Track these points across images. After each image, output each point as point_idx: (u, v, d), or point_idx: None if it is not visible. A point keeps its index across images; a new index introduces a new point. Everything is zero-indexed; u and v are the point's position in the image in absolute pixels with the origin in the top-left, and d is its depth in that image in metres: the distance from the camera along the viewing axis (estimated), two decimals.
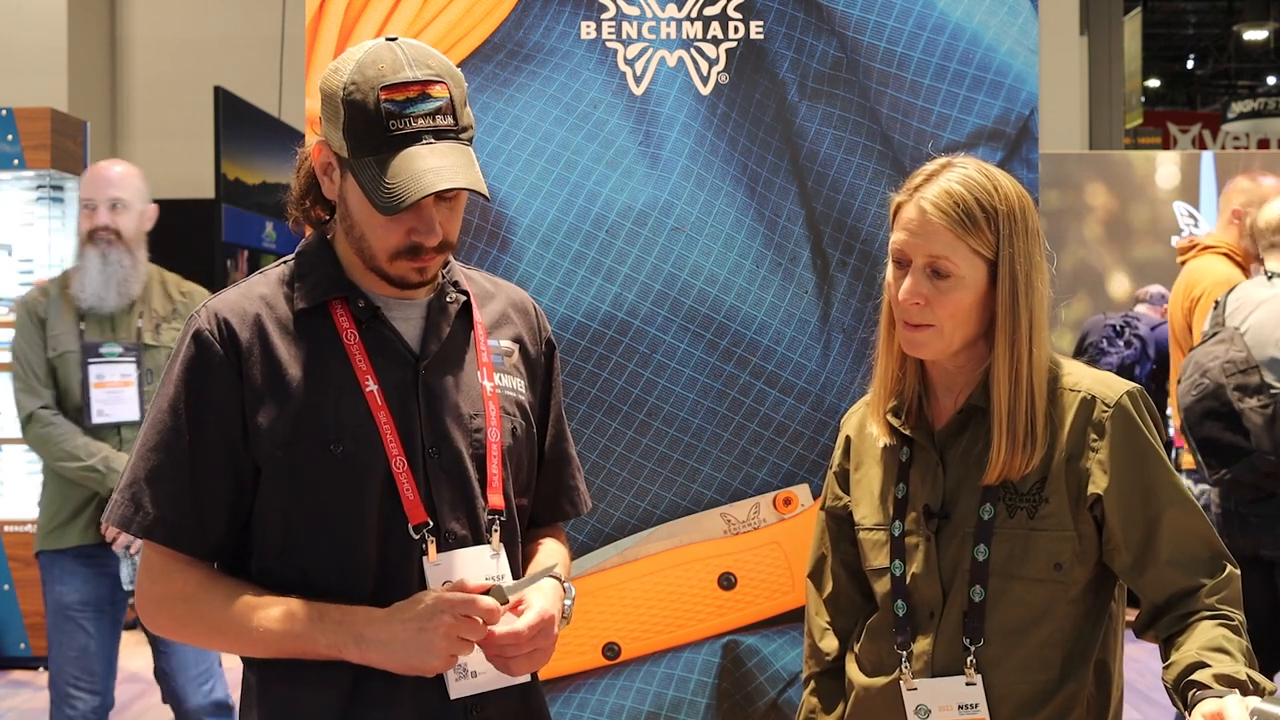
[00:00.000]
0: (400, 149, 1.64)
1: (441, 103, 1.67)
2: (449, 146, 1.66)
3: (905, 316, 1.84)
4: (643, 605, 2.56)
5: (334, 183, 1.74)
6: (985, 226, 1.80)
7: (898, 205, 1.87)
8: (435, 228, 1.69)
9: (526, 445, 1.85)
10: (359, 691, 1.69)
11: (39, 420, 3.66)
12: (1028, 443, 1.80)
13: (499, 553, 1.75)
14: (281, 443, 1.69)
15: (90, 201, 3.75)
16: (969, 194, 1.81)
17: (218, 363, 1.71)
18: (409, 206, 1.63)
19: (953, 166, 1.85)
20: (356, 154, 1.67)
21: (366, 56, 1.68)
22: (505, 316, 1.89)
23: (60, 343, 3.70)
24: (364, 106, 1.65)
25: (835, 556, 2.03)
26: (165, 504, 1.70)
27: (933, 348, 1.84)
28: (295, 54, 9.13)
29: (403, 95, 1.65)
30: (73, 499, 3.65)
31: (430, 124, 1.66)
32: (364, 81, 1.66)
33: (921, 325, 1.83)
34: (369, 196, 1.66)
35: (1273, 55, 20.46)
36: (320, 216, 1.82)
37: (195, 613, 1.71)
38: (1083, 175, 8.78)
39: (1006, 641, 1.81)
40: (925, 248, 1.81)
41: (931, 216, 1.80)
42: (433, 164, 1.64)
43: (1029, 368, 1.81)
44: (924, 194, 1.83)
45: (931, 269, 1.81)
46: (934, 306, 1.82)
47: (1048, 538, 1.81)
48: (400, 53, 1.68)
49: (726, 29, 2.58)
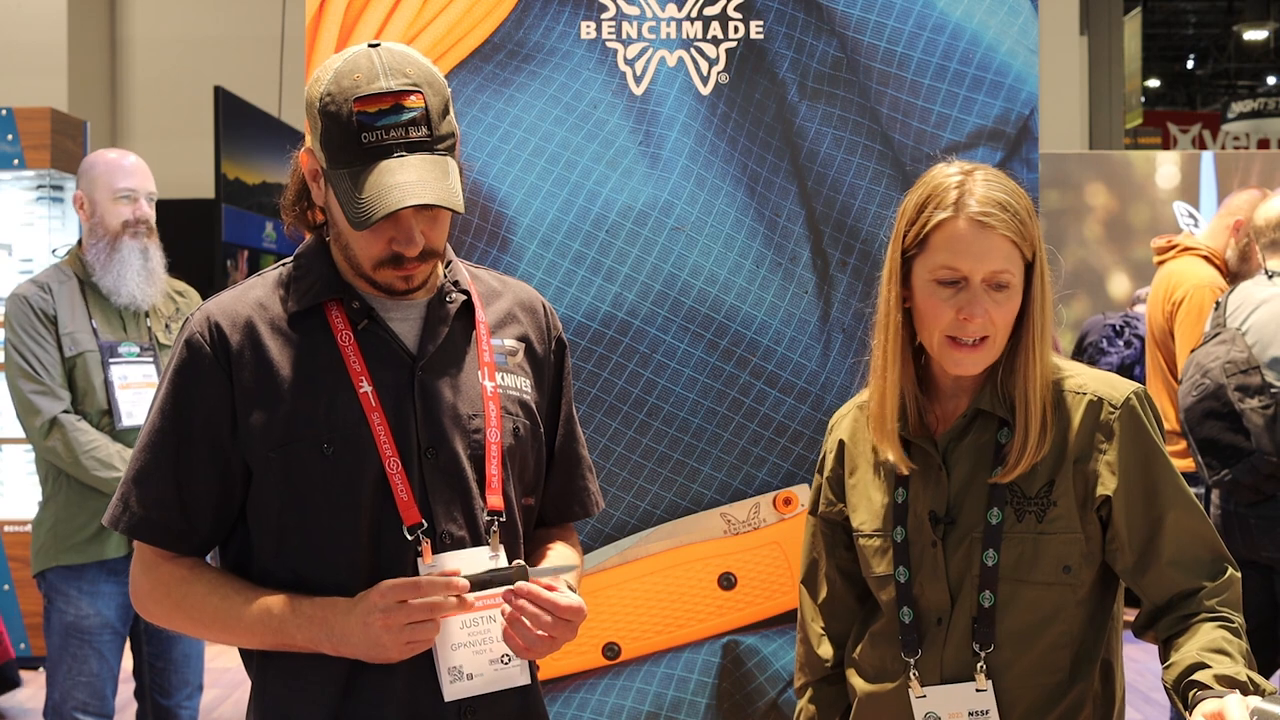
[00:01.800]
0: (372, 162, 1.64)
1: (415, 113, 1.65)
2: (421, 159, 1.65)
3: (963, 334, 1.79)
4: (643, 605, 2.56)
5: (321, 190, 1.74)
6: (1030, 229, 1.80)
7: (938, 223, 1.79)
8: (415, 238, 1.68)
9: (532, 445, 1.84)
10: (352, 690, 1.69)
11: (65, 426, 3.40)
12: (1040, 441, 1.80)
13: (498, 554, 1.74)
14: (275, 444, 1.69)
15: (131, 192, 3.56)
16: (1009, 198, 1.78)
17: (207, 366, 1.72)
18: (375, 223, 1.63)
19: (975, 176, 1.81)
20: (333, 165, 1.67)
21: (345, 65, 1.67)
22: (510, 315, 1.88)
23: (77, 342, 3.47)
24: (338, 118, 1.65)
25: (829, 562, 2.00)
26: (151, 504, 1.72)
27: (986, 361, 1.81)
28: (295, 54, 9.13)
29: (375, 107, 1.64)
30: (103, 510, 3.44)
31: (403, 136, 1.64)
32: (339, 93, 1.65)
33: (979, 342, 1.79)
34: (343, 209, 1.66)
35: (1273, 55, 20.46)
36: (317, 220, 1.82)
37: (181, 607, 1.74)
38: (1083, 175, 8.78)
39: (1017, 646, 1.80)
40: (987, 263, 1.77)
41: (994, 227, 1.76)
42: (401, 179, 1.62)
43: (1043, 365, 1.81)
44: (970, 209, 1.77)
45: (994, 283, 1.78)
46: (994, 320, 1.78)
47: (1057, 541, 1.80)
48: (378, 60, 1.67)
49: (726, 29, 2.58)
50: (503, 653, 1.73)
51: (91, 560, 3.45)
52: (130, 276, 3.53)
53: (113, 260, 3.54)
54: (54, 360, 3.45)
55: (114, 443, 3.44)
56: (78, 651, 3.46)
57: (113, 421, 3.48)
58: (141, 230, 3.56)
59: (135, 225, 3.55)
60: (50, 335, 3.47)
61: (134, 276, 3.54)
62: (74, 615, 3.46)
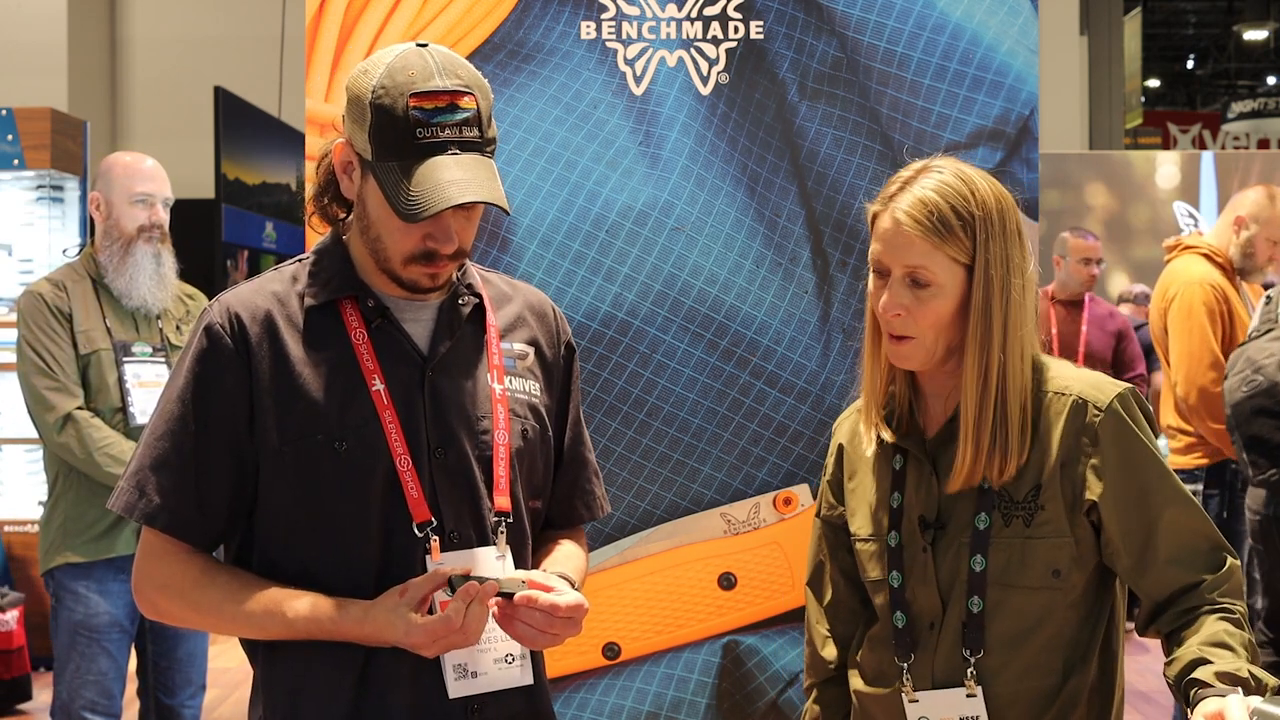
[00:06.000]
0: (425, 157, 1.65)
1: (469, 114, 1.67)
2: (473, 159, 1.67)
3: (888, 328, 1.82)
4: (643, 605, 2.56)
5: (353, 182, 1.74)
6: (961, 233, 1.77)
7: (874, 215, 1.84)
8: (452, 236, 1.70)
9: (540, 447, 1.84)
10: (361, 685, 1.70)
11: (79, 422, 3.41)
12: (996, 450, 1.77)
13: (505, 555, 1.75)
14: (287, 439, 1.70)
15: (148, 197, 3.58)
16: (944, 201, 1.78)
17: (227, 356, 1.72)
18: (430, 216, 1.64)
19: (928, 172, 1.82)
20: (381, 158, 1.67)
21: (397, 61, 1.68)
22: (521, 319, 1.89)
23: (91, 340, 3.48)
24: (392, 111, 1.66)
25: (833, 564, 2.00)
26: (168, 492, 1.72)
27: (917, 359, 1.82)
28: (295, 54, 9.13)
29: (431, 104, 1.66)
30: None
31: (457, 135, 1.66)
32: (393, 87, 1.66)
33: (904, 337, 1.80)
34: (390, 202, 1.67)
35: (1273, 55, 20.47)
36: (336, 215, 1.82)
37: (192, 600, 1.73)
38: (1083, 175, 8.79)
39: (1007, 651, 1.80)
40: (902, 258, 1.78)
41: (906, 227, 1.77)
42: (456, 175, 1.64)
43: (1000, 373, 1.77)
44: (898, 203, 1.79)
45: (911, 279, 1.79)
46: (915, 316, 1.79)
47: (1045, 545, 1.79)
48: (431, 60, 1.68)
49: (726, 29, 2.58)
50: (507, 652, 1.74)
51: (101, 557, 3.46)
52: (142, 280, 3.56)
53: (125, 264, 3.56)
54: (69, 357, 3.47)
55: (126, 440, 3.44)
56: (86, 650, 3.45)
57: (126, 419, 3.49)
58: (155, 235, 3.59)
59: (150, 230, 3.58)
60: (65, 332, 3.49)
61: (146, 280, 3.56)
62: (82, 613, 3.46)
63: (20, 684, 5.57)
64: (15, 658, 5.54)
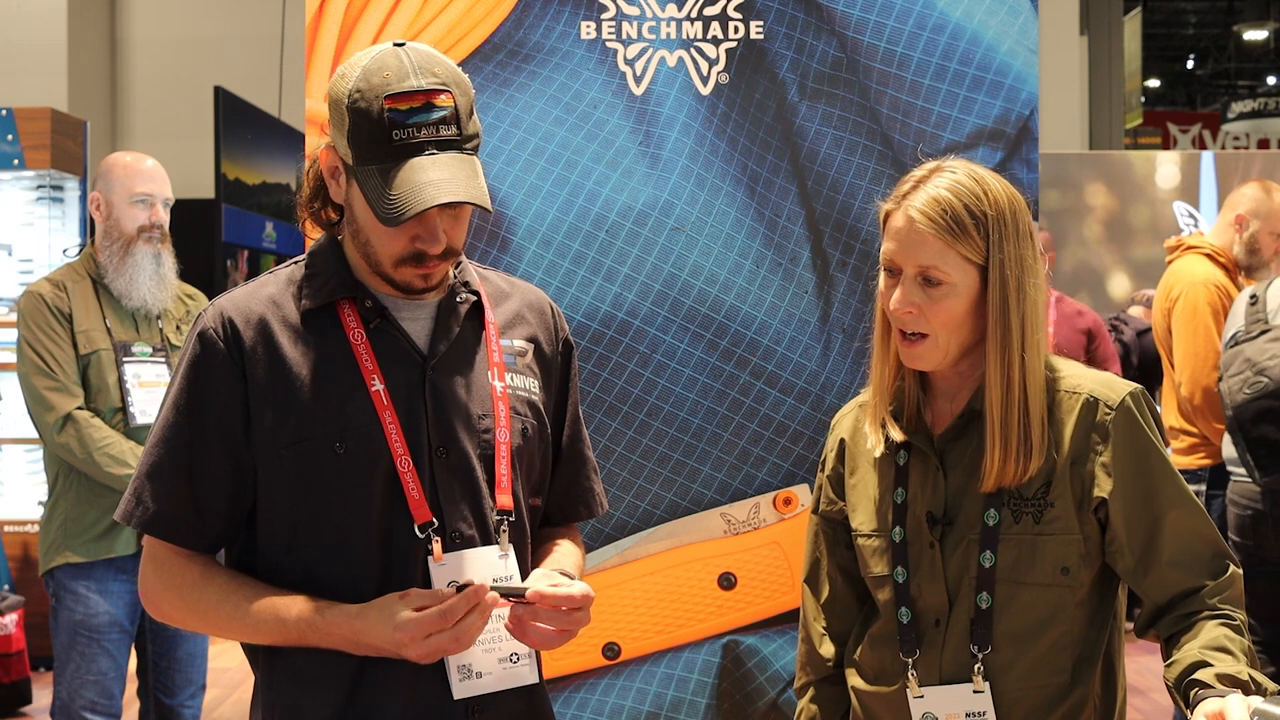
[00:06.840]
0: (403, 159, 1.65)
1: (446, 112, 1.66)
2: (451, 157, 1.66)
3: (900, 326, 1.83)
4: (643, 605, 2.56)
5: (341, 187, 1.74)
6: (975, 232, 1.79)
7: (886, 213, 1.85)
8: (439, 236, 1.69)
9: (539, 445, 1.84)
10: (360, 687, 1.70)
11: (79, 422, 3.41)
12: (1022, 451, 1.78)
13: (507, 553, 1.75)
14: (286, 442, 1.70)
15: (149, 197, 3.58)
16: (957, 200, 1.79)
17: (221, 362, 1.72)
18: (408, 219, 1.63)
19: (941, 171, 1.83)
20: (360, 162, 1.67)
21: (373, 63, 1.68)
22: (520, 316, 1.88)
23: (92, 340, 3.48)
24: (368, 114, 1.65)
25: (831, 561, 2.00)
26: (164, 499, 1.72)
27: (930, 359, 1.83)
28: (295, 54, 9.13)
29: (406, 105, 1.65)
30: (113, 507, 3.48)
31: (434, 134, 1.66)
32: (369, 89, 1.66)
33: (918, 337, 1.81)
34: (371, 206, 1.66)
35: (1273, 55, 20.46)
36: (330, 218, 1.82)
37: (191, 603, 1.73)
38: (1083, 175, 8.78)
39: (1015, 647, 1.80)
40: (915, 257, 1.79)
41: (920, 225, 1.79)
42: (434, 176, 1.64)
43: (1021, 373, 1.79)
44: (911, 202, 1.81)
45: (923, 277, 1.80)
46: (927, 315, 1.80)
47: (1054, 542, 1.79)
48: (406, 60, 1.68)
49: (726, 29, 2.58)
50: (511, 651, 1.73)
51: (101, 557, 3.46)
52: (142, 281, 3.56)
53: (125, 264, 3.56)
54: (69, 357, 3.47)
55: (126, 440, 3.44)
56: (86, 650, 3.45)
57: (126, 419, 3.49)
58: (155, 235, 3.59)
59: (150, 230, 3.58)
60: (65, 333, 3.49)
61: (146, 281, 3.56)
62: (83, 613, 3.46)
63: (20, 688, 5.57)
64: (15, 662, 5.54)
